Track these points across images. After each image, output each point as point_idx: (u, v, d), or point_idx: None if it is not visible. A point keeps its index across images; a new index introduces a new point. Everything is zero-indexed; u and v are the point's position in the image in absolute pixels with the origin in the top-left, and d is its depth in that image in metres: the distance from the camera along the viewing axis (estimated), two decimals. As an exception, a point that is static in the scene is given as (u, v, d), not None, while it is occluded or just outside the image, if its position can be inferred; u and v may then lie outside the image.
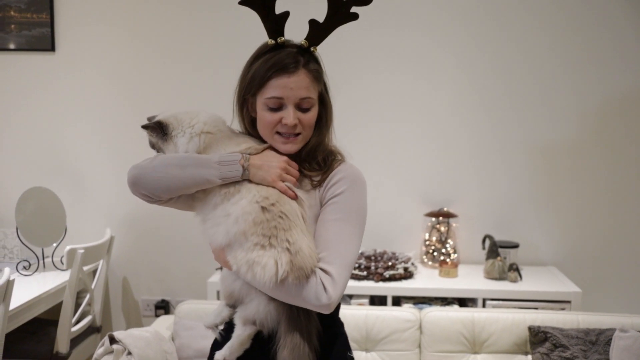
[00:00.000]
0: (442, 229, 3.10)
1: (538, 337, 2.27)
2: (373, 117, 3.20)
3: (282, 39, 1.38)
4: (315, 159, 1.44)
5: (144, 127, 1.48)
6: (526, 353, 2.38)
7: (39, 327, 3.05)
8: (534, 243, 3.16)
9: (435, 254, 3.09)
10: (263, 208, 1.30)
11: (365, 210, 1.41)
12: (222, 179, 1.34)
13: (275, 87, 1.34)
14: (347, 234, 1.35)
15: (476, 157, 3.17)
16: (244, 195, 1.33)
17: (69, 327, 2.83)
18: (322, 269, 1.29)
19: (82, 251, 2.80)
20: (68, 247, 2.78)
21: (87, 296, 3.05)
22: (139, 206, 3.35)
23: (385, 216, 3.20)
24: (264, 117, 1.38)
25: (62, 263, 3.13)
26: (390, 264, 2.88)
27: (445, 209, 3.13)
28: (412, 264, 2.93)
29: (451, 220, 3.10)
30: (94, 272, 3.20)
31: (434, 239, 3.11)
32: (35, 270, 3.14)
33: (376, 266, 2.87)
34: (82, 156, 3.39)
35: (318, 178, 1.42)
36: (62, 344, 2.83)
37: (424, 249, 3.15)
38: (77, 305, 3.04)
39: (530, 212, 3.17)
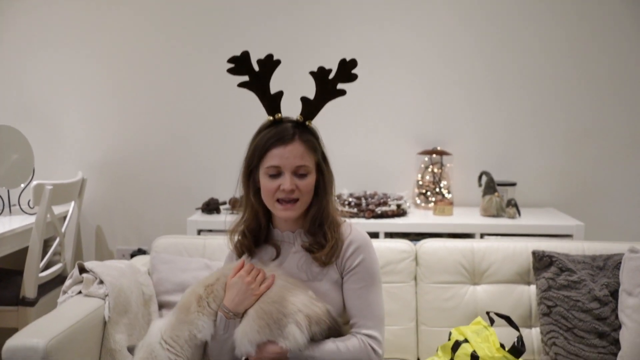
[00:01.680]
0: (436, 170, 2.94)
1: (543, 261, 2.12)
2: (366, 58, 3.02)
3: (279, 115, 1.56)
4: (321, 230, 1.58)
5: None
6: (528, 283, 2.23)
7: (5, 275, 2.84)
8: (532, 184, 3.03)
9: (428, 194, 2.94)
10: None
11: (379, 266, 1.64)
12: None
13: (274, 157, 1.51)
14: (375, 296, 1.56)
15: (470, 97, 3.03)
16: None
17: (36, 270, 2.62)
18: (366, 335, 1.51)
19: (50, 187, 2.59)
20: (35, 182, 2.57)
21: (57, 240, 2.84)
22: (111, 150, 3.18)
23: (377, 158, 3.04)
24: (265, 185, 1.54)
25: (30, 206, 2.93)
26: (382, 201, 2.72)
27: (439, 148, 2.97)
28: (405, 202, 2.78)
29: (445, 160, 2.95)
30: (65, 218, 2.99)
31: (427, 178, 2.95)
32: (0, 214, 2.92)
33: (367, 203, 2.71)
34: (51, 97, 3.18)
35: (331, 257, 1.57)
36: (29, 289, 2.63)
37: (416, 190, 2.99)
38: (47, 253, 2.84)
39: (527, 152, 3.03)
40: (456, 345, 1.62)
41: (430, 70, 3.03)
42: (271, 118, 1.56)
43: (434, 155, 2.94)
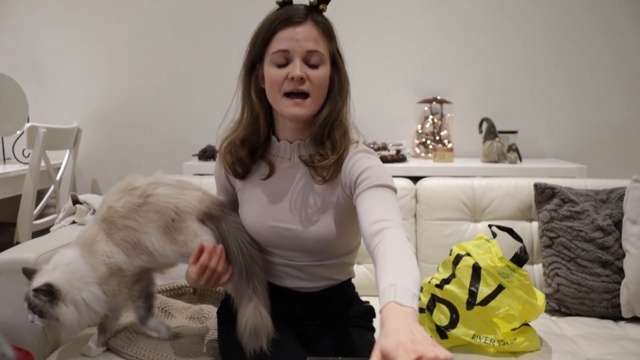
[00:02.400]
0: (436, 120, 2.90)
1: (545, 194, 2.08)
2: (366, 7, 2.98)
3: None
4: (330, 139, 1.36)
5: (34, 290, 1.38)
6: (530, 220, 2.19)
7: (-1, 224, 2.81)
8: (533, 133, 2.98)
9: (428, 142, 2.90)
10: None
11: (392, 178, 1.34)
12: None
13: (281, 40, 1.29)
14: (395, 202, 1.24)
15: (471, 45, 2.98)
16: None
17: (30, 217, 2.58)
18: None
19: (44, 130, 2.55)
20: (29, 124, 2.52)
21: (52, 188, 2.80)
22: (107, 101, 3.14)
23: (376, 108, 2.99)
24: (271, 76, 1.31)
25: (24, 155, 2.89)
26: (381, 146, 2.68)
27: (439, 97, 2.93)
28: (405, 148, 2.74)
29: (445, 110, 2.91)
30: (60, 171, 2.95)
31: (427, 126, 2.91)
32: (-6, 162, 2.89)
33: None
34: (46, 48, 3.13)
35: (334, 172, 1.34)
36: (22, 236, 2.59)
37: (416, 140, 2.95)
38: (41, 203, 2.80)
39: (529, 101, 2.99)
40: (457, 259, 1.59)
41: (431, 18, 2.98)
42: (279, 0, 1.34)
43: (434, 104, 2.90)
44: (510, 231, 1.63)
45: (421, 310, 1.65)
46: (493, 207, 2.19)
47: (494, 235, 1.64)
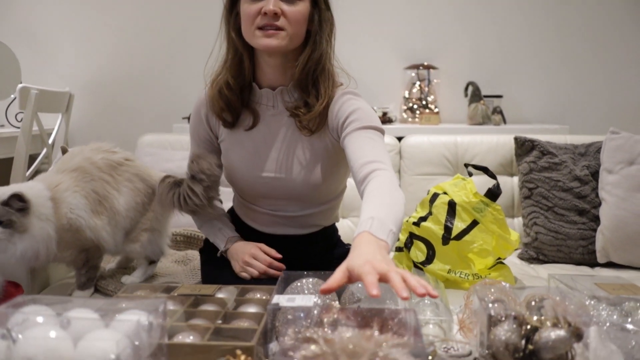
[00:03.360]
0: (423, 86, 2.94)
1: (525, 147, 2.13)
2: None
3: None
4: (314, 86, 1.33)
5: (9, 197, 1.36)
6: (512, 175, 2.24)
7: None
8: (518, 98, 3.02)
9: (415, 107, 2.94)
10: None
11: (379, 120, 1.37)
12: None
13: None
14: (384, 146, 1.28)
15: (458, 12, 3.02)
16: None
17: (22, 177, 2.61)
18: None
19: (36, 92, 2.58)
20: (21, 85, 2.55)
21: (44, 151, 2.83)
22: (98, 68, 3.17)
23: (362, 74, 2.99)
24: (244, 11, 1.28)
25: (18, 120, 2.93)
26: (368, 109, 2.72)
27: (425, 63, 2.97)
28: (391, 111, 2.78)
29: (432, 76, 2.95)
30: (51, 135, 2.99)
31: (414, 91, 2.95)
32: (-13, 126, 2.92)
33: (353, 109, 2.71)
34: (40, 12, 3.16)
35: (319, 123, 1.34)
36: (15, 194, 2.62)
37: (403, 106, 2.99)
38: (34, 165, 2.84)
39: (515, 67, 3.03)
40: (434, 198, 1.64)
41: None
42: None
43: (421, 70, 2.94)
44: (485, 169, 1.67)
45: (399, 249, 1.70)
46: (475, 162, 2.23)
47: (470, 174, 1.69)
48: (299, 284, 1.07)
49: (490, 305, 0.94)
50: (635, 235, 1.86)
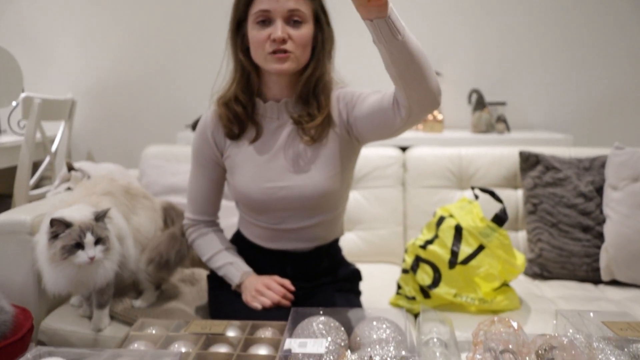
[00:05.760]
0: (426, 92, 2.93)
1: (529, 161, 2.13)
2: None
3: None
4: (315, 97, 1.42)
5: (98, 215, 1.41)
6: (516, 187, 2.24)
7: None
8: (523, 106, 3.02)
9: (418, 114, 2.93)
10: None
11: None
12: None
13: (262, 0, 1.31)
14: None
15: (462, 19, 3.00)
16: None
17: (26, 187, 2.62)
18: None
19: (39, 101, 2.58)
20: (24, 94, 2.55)
21: (47, 159, 2.84)
22: (101, 74, 3.16)
23: (364, 81, 3.01)
24: (254, 36, 1.35)
25: (20, 126, 2.92)
26: (371, 118, 2.71)
27: (429, 69, 2.96)
28: (395, 119, 2.77)
29: (436, 82, 2.93)
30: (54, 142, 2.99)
31: (417, 98, 2.94)
32: (-10, 134, 2.92)
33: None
34: (41, 18, 3.14)
35: (321, 132, 1.42)
36: (19, 204, 2.63)
37: (406, 112, 2.98)
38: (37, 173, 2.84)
39: (519, 74, 3.01)
40: (440, 221, 1.64)
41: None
42: None
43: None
44: (491, 193, 1.67)
45: (405, 271, 1.71)
46: (480, 175, 2.24)
47: (476, 197, 1.69)
48: (310, 326, 1.08)
49: (500, 355, 0.95)
50: (640, 253, 1.87)
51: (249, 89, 1.45)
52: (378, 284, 1.91)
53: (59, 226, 1.32)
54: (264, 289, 1.41)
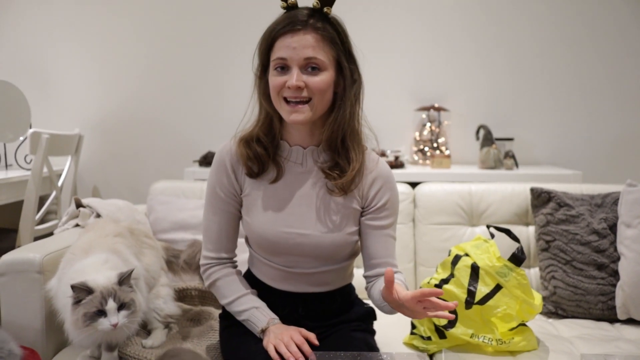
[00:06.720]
0: (434, 127, 2.94)
1: (541, 198, 2.12)
2: (363, 13, 3.03)
3: (292, 0, 1.35)
4: (344, 148, 1.39)
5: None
6: (527, 224, 2.22)
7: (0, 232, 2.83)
8: (529, 140, 3.02)
9: (426, 149, 2.93)
10: None
11: None
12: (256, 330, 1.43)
13: (280, 48, 1.31)
14: (395, 232, 1.49)
15: (469, 54, 3.03)
16: None
17: (32, 223, 2.60)
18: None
19: (47, 136, 2.58)
20: (32, 130, 2.55)
21: (53, 194, 2.82)
22: (108, 108, 3.18)
23: (373, 115, 3.00)
24: (271, 82, 1.35)
25: (27, 161, 2.92)
26: (380, 153, 2.71)
27: (436, 105, 2.97)
28: (403, 155, 2.77)
29: (443, 117, 2.95)
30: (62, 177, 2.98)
31: (425, 134, 2.95)
32: (-4, 168, 2.91)
33: (365, 153, 2.70)
34: (48, 54, 3.17)
35: (351, 185, 1.40)
36: (24, 240, 2.61)
37: (414, 147, 2.99)
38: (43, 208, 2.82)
39: (526, 110, 3.03)
40: (456, 260, 1.62)
41: (429, 27, 3.03)
42: (284, 3, 1.36)
43: (431, 112, 2.94)
44: (507, 232, 1.66)
45: (420, 310, 1.67)
46: (490, 212, 2.23)
47: (492, 236, 1.68)
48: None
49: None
50: (656, 292, 1.84)
51: (271, 132, 1.44)
52: (390, 321, 1.86)
53: (80, 292, 1.30)
54: (290, 342, 1.34)
